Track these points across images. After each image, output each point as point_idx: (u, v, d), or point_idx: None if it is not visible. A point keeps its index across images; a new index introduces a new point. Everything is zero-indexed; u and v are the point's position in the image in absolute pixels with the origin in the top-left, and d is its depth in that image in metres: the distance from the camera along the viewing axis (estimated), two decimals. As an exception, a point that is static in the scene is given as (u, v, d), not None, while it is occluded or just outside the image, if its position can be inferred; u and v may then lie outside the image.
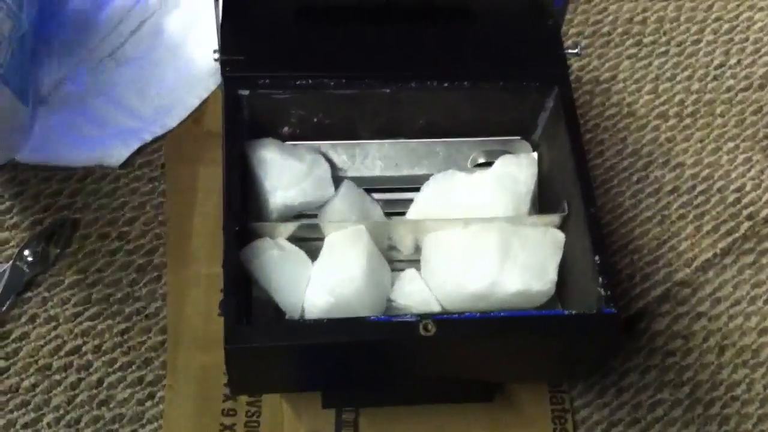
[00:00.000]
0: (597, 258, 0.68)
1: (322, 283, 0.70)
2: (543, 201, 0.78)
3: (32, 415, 0.80)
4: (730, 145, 0.99)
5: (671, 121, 1.00)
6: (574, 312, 0.68)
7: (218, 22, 0.75)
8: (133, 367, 0.83)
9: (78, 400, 0.81)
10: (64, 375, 0.82)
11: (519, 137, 0.80)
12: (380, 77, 0.75)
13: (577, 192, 0.71)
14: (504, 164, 0.78)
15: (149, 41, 0.98)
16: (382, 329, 0.64)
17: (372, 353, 0.67)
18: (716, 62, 1.05)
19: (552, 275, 0.73)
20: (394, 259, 0.76)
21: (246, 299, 0.67)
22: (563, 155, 0.75)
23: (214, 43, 0.76)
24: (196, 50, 0.96)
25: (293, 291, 0.70)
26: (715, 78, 1.04)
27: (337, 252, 0.71)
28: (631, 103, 1.01)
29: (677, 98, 1.02)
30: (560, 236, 0.74)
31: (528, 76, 0.76)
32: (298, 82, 0.74)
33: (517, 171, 0.77)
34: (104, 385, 0.82)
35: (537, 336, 0.68)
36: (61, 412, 0.81)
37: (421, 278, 0.74)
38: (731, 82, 1.03)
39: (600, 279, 0.67)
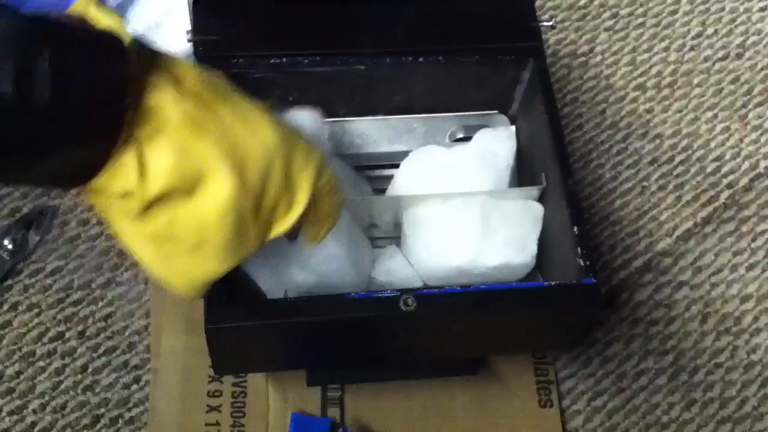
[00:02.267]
0: (575, 229, 0.68)
1: (302, 261, 0.70)
2: (522, 174, 0.78)
3: (17, 402, 0.80)
4: (709, 114, 1.00)
5: (649, 93, 1.01)
6: (554, 283, 0.68)
7: (190, 2, 0.75)
8: (118, 351, 0.83)
9: (63, 386, 0.81)
10: (48, 361, 0.82)
11: (497, 111, 0.80)
12: (355, 54, 0.74)
13: (555, 164, 0.71)
14: (483, 139, 0.78)
15: (130, 21, 0.97)
16: (362, 306, 0.64)
17: (354, 330, 0.67)
18: (693, 32, 1.05)
19: (532, 248, 0.73)
20: (374, 236, 0.77)
21: (227, 279, 0.67)
22: (541, 128, 0.75)
23: (188, 23, 0.75)
24: (171, 32, 0.96)
25: (274, 270, 0.70)
26: (692, 48, 1.04)
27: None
28: (609, 75, 1.02)
29: (655, 69, 1.02)
30: (539, 209, 0.74)
31: (503, 50, 0.76)
32: (272, 61, 0.73)
33: (495, 145, 0.77)
34: (89, 370, 0.82)
35: (518, 308, 0.68)
36: (47, 398, 0.81)
37: (401, 255, 0.74)
38: (708, 52, 1.04)
39: (579, 250, 0.67)
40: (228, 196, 0.51)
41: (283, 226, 0.55)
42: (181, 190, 0.50)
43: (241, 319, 0.63)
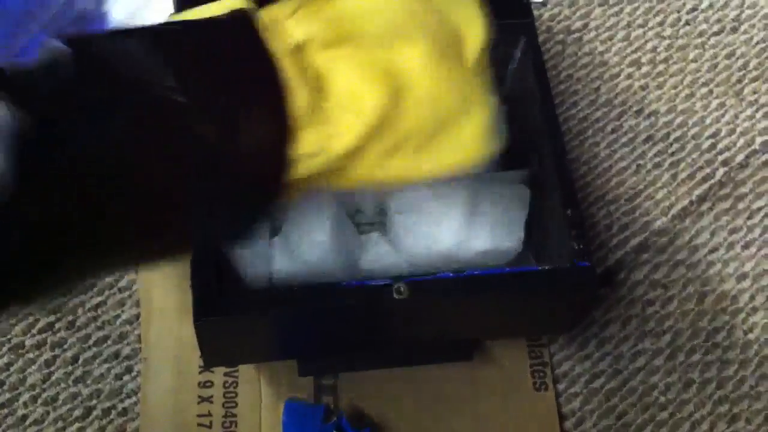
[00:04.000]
0: (569, 211, 0.67)
1: (288, 250, 0.69)
2: (513, 155, 0.77)
3: (8, 395, 0.80)
4: (704, 90, 0.98)
5: (644, 69, 0.99)
6: (547, 267, 0.67)
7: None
8: (109, 341, 0.82)
9: (54, 377, 0.80)
10: (38, 353, 0.81)
11: (487, 92, 0.79)
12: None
13: (548, 145, 0.70)
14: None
15: (113, 3, 0.95)
16: (354, 294, 0.64)
17: (345, 318, 0.67)
18: (688, 6, 1.03)
19: (519, 232, 0.72)
20: (360, 222, 0.75)
21: (216, 269, 0.66)
22: (533, 108, 0.73)
23: (171, 5, 0.74)
24: (155, 13, 0.94)
25: (259, 259, 0.69)
26: (687, 23, 1.02)
27: (301, 217, 0.70)
28: (604, 51, 1.00)
29: (649, 45, 1.01)
30: (525, 192, 0.73)
31: (493, 28, 0.75)
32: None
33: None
34: (80, 361, 0.81)
35: (512, 292, 0.67)
36: (38, 390, 0.80)
37: (387, 241, 0.73)
38: (704, 26, 1.02)
39: (572, 232, 0.66)
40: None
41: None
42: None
43: (231, 311, 0.62)
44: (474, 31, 0.53)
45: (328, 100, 0.46)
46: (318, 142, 0.46)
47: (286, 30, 0.47)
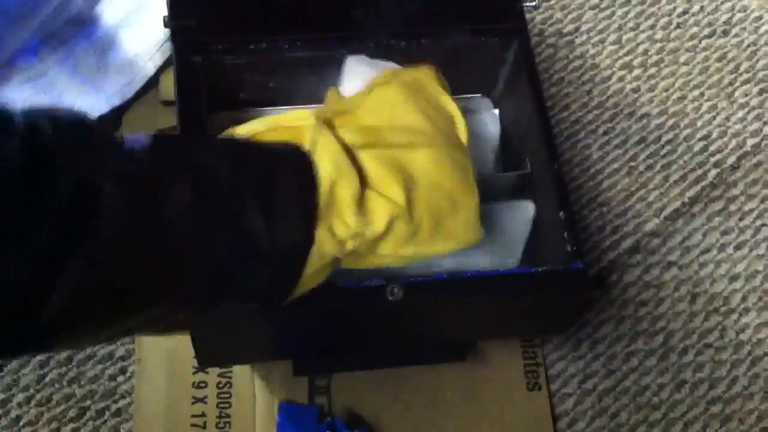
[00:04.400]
0: (562, 214, 0.67)
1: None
2: (506, 158, 0.77)
3: (1, 396, 0.80)
4: (696, 93, 0.99)
5: (636, 72, 1.00)
6: (541, 269, 0.67)
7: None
8: (103, 342, 0.82)
9: (48, 378, 0.80)
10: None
11: (480, 95, 0.79)
12: (337, 38, 0.73)
13: (541, 148, 0.71)
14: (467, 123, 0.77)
15: (106, 7, 0.95)
16: (348, 295, 0.64)
17: (339, 319, 0.67)
18: (679, 10, 1.04)
19: (518, 253, 0.72)
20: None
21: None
22: (526, 110, 0.74)
23: (165, 8, 0.74)
24: (149, 18, 0.94)
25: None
26: (678, 26, 1.03)
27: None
28: (595, 54, 1.01)
29: (641, 48, 1.01)
30: (530, 209, 0.72)
31: (486, 31, 0.75)
32: (252, 47, 0.72)
33: (480, 129, 0.76)
34: (74, 362, 0.81)
35: (505, 294, 0.67)
36: (31, 391, 0.80)
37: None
38: (695, 29, 1.03)
39: (566, 235, 0.67)
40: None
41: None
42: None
43: (226, 311, 0.62)
44: (460, 123, 0.63)
45: (366, 190, 0.56)
46: (360, 225, 0.55)
47: (337, 136, 0.57)
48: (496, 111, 0.78)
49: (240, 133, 0.60)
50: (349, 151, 0.56)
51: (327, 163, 0.55)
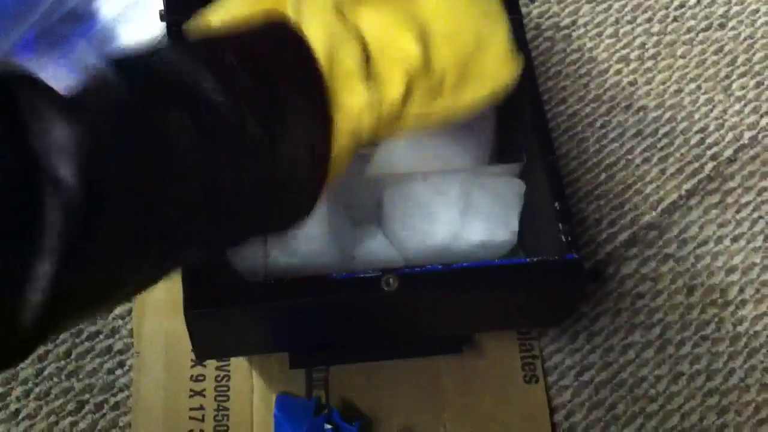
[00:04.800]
0: (557, 204, 0.68)
1: (283, 243, 0.69)
2: (502, 150, 0.77)
3: (0, 389, 0.80)
4: (692, 86, 0.99)
5: (633, 65, 1.00)
6: (536, 259, 0.67)
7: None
8: (101, 336, 0.82)
9: (46, 372, 0.81)
10: (30, 348, 0.81)
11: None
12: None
13: (535, 139, 0.71)
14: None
15: (104, 1, 0.96)
16: (344, 287, 0.64)
17: (336, 311, 0.67)
18: (676, 3, 1.04)
19: (514, 225, 0.72)
20: (355, 216, 0.76)
21: (206, 263, 0.66)
22: (521, 103, 0.74)
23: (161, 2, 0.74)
24: (146, 11, 0.94)
25: (253, 253, 0.69)
26: (675, 19, 1.03)
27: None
28: (592, 48, 1.01)
29: (638, 41, 1.01)
30: (520, 185, 0.73)
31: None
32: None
33: (475, 121, 0.76)
34: (72, 356, 0.82)
35: (501, 285, 0.67)
36: (30, 385, 0.80)
37: (382, 234, 0.74)
38: (692, 22, 1.03)
39: (560, 226, 0.67)
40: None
41: None
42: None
43: (222, 303, 0.63)
44: None
45: (371, 53, 0.49)
46: (373, 93, 0.49)
47: None
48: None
49: (215, 22, 0.53)
50: (341, 9, 0.50)
51: (318, 31, 0.48)
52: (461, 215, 0.71)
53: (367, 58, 0.49)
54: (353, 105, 0.49)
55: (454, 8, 0.52)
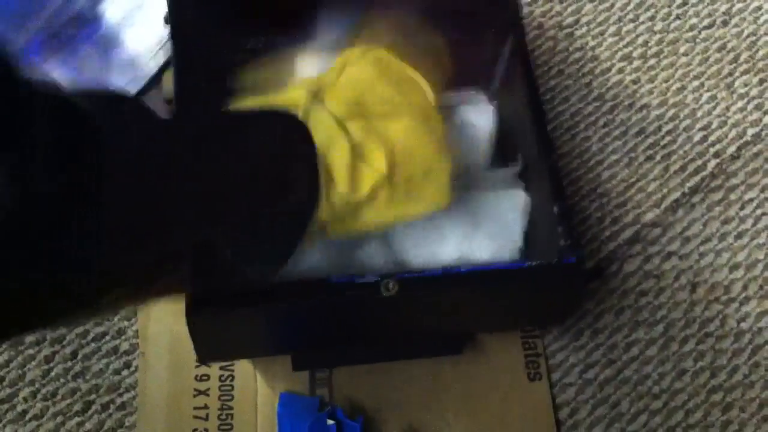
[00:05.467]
0: (556, 207, 0.68)
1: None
2: (503, 152, 0.78)
3: (8, 390, 0.81)
4: (695, 83, 0.99)
5: (635, 63, 1.00)
6: (535, 263, 0.67)
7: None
8: (107, 337, 0.83)
9: (53, 373, 0.82)
10: (37, 349, 0.82)
11: (475, 89, 0.80)
12: (333, 35, 0.74)
13: (536, 141, 0.71)
14: (463, 117, 0.77)
15: (108, 5, 0.96)
16: (344, 290, 0.64)
17: (336, 314, 0.67)
18: (678, 1, 1.04)
19: (519, 242, 0.72)
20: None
21: (208, 266, 0.67)
22: (521, 104, 0.74)
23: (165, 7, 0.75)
24: (150, 15, 0.95)
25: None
26: (677, 17, 1.03)
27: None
28: (595, 46, 1.01)
29: (641, 39, 1.01)
30: (524, 199, 0.73)
31: (482, 26, 0.76)
32: (249, 46, 0.73)
33: (477, 123, 0.77)
34: (79, 357, 0.82)
35: (500, 288, 0.68)
36: (37, 386, 0.81)
37: (388, 254, 0.73)
38: (694, 20, 1.03)
39: (560, 228, 0.67)
40: None
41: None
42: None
43: (223, 306, 0.63)
44: (428, 91, 0.68)
45: (355, 156, 0.60)
46: (348, 193, 0.59)
47: (329, 108, 0.62)
48: (492, 105, 0.78)
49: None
50: (339, 123, 0.60)
51: (320, 133, 0.58)
52: (468, 235, 0.71)
53: (353, 159, 0.60)
54: (334, 197, 0.59)
55: (414, 138, 0.63)
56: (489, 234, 0.72)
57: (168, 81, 0.93)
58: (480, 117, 0.76)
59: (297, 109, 0.60)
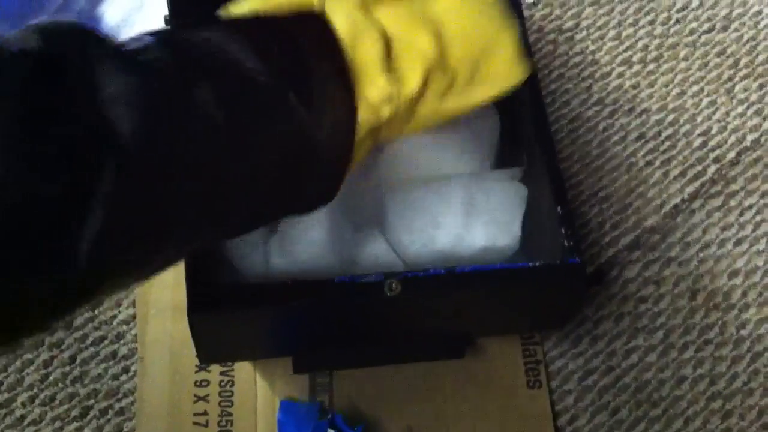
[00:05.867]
0: (559, 208, 0.68)
1: (284, 249, 0.69)
2: (504, 154, 0.78)
3: (6, 395, 0.80)
4: (695, 88, 0.99)
5: (635, 68, 1.00)
6: (538, 263, 0.68)
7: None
8: (106, 341, 0.83)
9: (51, 378, 0.81)
10: (35, 354, 0.82)
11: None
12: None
13: (538, 143, 0.71)
14: (466, 118, 0.77)
15: (107, 6, 0.96)
16: (347, 290, 0.64)
17: (338, 314, 0.67)
18: (678, 5, 1.04)
19: (517, 229, 0.72)
20: (356, 220, 0.76)
21: (209, 267, 0.66)
22: (523, 107, 0.74)
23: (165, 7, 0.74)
24: (150, 15, 0.95)
25: (255, 259, 0.69)
26: (677, 21, 1.03)
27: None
28: (595, 50, 1.01)
29: (640, 44, 1.01)
30: (523, 190, 0.73)
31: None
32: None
33: (479, 125, 0.77)
34: (77, 361, 0.82)
35: (503, 289, 0.68)
36: (35, 390, 0.80)
37: (385, 240, 0.74)
38: (694, 24, 1.03)
39: (563, 230, 0.67)
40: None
41: None
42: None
43: (225, 306, 0.63)
44: None
45: (391, 46, 0.51)
46: (391, 87, 0.51)
47: None
48: (494, 107, 0.78)
49: (238, 12, 0.53)
50: (365, 9, 0.52)
51: (342, 21, 0.50)
52: (464, 220, 0.71)
53: (387, 52, 0.50)
54: (374, 96, 0.50)
55: (466, 12, 0.55)
56: (486, 220, 0.72)
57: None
58: (484, 122, 0.76)
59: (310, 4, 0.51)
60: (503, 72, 0.57)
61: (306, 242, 0.69)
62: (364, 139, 0.52)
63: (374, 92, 0.50)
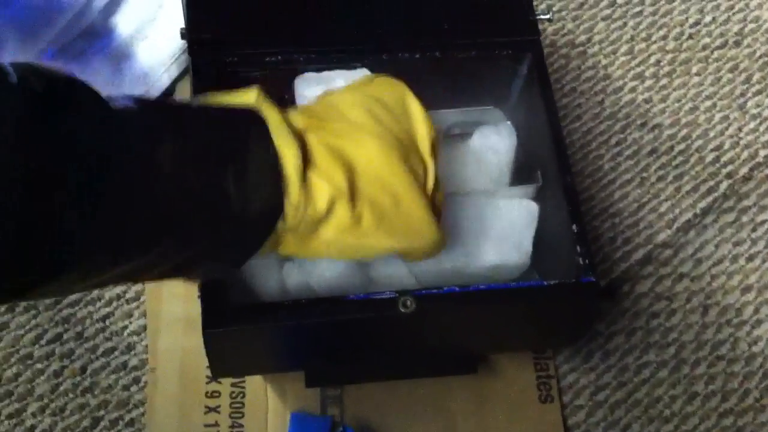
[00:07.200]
0: (574, 227, 0.67)
1: (300, 269, 0.69)
2: (519, 170, 0.77)
3: (16, 405, 0.80)
4: (708, 103, 0.99)
5: (648, 82, 1.00)
6: (552, 282, 0.67)
7: (185, -2, 0.74)
8: (116, 352, 0.83)
9: (62, 388, 0.81)
10: (46, 363, 0.82)
11: (492, 106, 0.80)
12: (351, 51, 0.74)
13: (553, 160, 0.71)
14: (483, 135, 0.77)
15: (120, 18, 0.96)
16: (361, 307, 0.64)
17: (352, 332, 0.67)
18: (691, 20, 1.04)
19: (527, 247, 0.72)
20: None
21: (224, 283, 0.66)
22: (538, 123, 0.74)
23: (181, 18, 0.74)
24: (164, 28, 0.95)
25: (268, 275, 0.69)
26: (690, 36, 1.03)
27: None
28: (607, 65, 1.01)
29: (653, 58, 1.01)
30: (534, 207, 0.73)
31: (500, 44, 0.76)
32: (267, 59, 0.73)
33: (496, 142, 0.77)
34: (88, 372, 0.82)
35: (517, 307, 0.67)
36: (45, 401, 0.80)
37: (398, 257, 0.73)
38: (707, 40, 1.03)
39: (578, 248, 0.67)
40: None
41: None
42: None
43: (240, 322, 0.63)
44: (422, 130, 0.61)
45: (309, 162, 0.55)
46: (299, 198, 0.54)
47: (294, 119, 0.57)
48: (509, 124, 0.78)
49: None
50: (292, 128, 0.55)
51: (273, 126, 0.54)
52: (476, 237, 0.71)
53: (304, 166, 0.54)
54: (286, 204, 0.54)
55: (382, 164, 0.58)
56: (497, 237, 0.72)
57: (182, 95, 0.93)
58: (501, 139, 0.76)
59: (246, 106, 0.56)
60: (408, 232, 0.60)
61: (322, 262, 0.69)
62: (272, 241, 0.56)
63: (288, 204, 0.54)
